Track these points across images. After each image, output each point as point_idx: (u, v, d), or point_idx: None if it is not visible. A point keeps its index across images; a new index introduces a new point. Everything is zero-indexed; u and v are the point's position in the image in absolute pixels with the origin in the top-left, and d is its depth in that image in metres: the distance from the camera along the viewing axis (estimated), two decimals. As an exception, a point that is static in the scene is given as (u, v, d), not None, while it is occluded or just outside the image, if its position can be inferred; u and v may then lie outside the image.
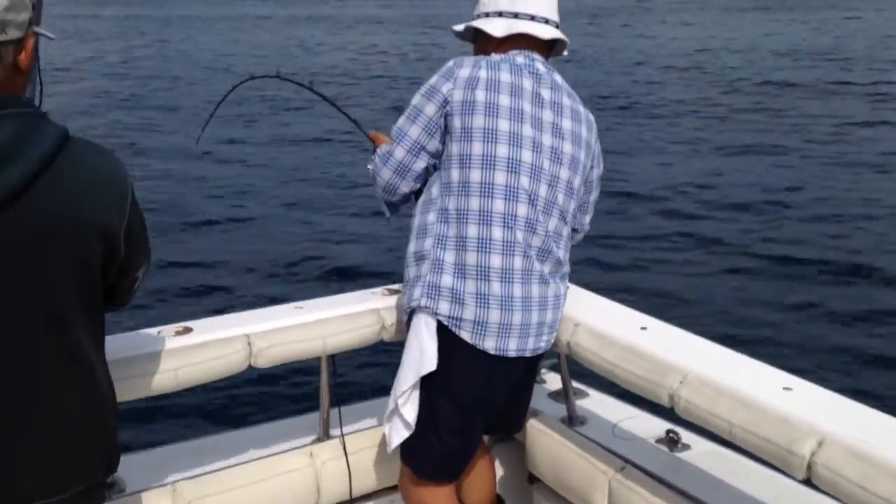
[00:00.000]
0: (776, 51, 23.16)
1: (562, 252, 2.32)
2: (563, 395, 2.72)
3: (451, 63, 2.28)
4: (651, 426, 2.62)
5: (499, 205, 2.19)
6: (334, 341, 2.39)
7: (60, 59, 21.88)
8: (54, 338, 1.49)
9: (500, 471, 2.74)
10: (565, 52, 2.45)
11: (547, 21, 2.34)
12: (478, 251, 2.19)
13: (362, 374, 5.18)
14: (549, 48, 2.38)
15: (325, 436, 2.59)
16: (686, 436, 2.53)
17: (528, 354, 2.30)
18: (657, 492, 2.21)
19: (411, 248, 2.31)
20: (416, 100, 2.29)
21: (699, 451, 2.48)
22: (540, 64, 2.31)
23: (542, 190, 2.23)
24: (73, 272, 1.49)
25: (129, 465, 2.34)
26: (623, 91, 17.03)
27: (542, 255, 2.26)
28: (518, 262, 2.21)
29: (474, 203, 2.20)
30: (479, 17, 2.39)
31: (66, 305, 1.49)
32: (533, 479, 2.73)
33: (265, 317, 2.42)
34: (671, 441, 2.51)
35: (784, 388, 1.95)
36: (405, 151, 2.29)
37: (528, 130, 2.22)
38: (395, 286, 2.65)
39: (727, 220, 8.98)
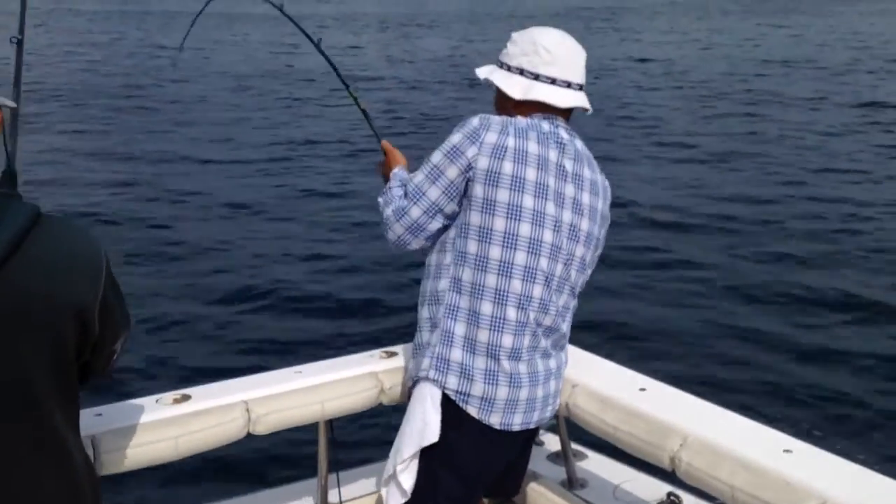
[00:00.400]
0: (755, 57, 23.70)
1: (567, 325, 2.33)
2: (563, 458, 2.70)
3: (475, 122, 2.21)
4: (652, 489, 2.61)
5: (516, 285, 2.17)
6: (333, 406, 2.39)
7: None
8: (28, 423, 1.45)
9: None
10: (588, 112, 2.36)
11: (569, 85, 2.28)
12: (490, 329, 2.17)
13: (360, 437, 5.13)
14: (570, 109, 2.34)
15: (323, 502, 2.57)
16: (687, 499, 2.51)
17: (532, 427, 2.30)
18: None
19: (423, 313, 2.29)
20: (437, 158, 2.22)
21: None
22: (564, 131, 2.27)
23: (558, 269, 2.23)
24: (46, 354, 1.45)
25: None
26: (605, 97, 17.28)
27: (548, 332, 2.27)
28: (527, 341, 2.21)
29: (491, 280, 2.17)
30: (502, 66, 2.34)
31: (39, 388, 1.45)
32: (533, 543, 2.69)
33: (263, 382, 2.42)
34: None
35: (784, 451, 1.95)
36: (422, 212, 2.23)
37: (550, 208, 2.19)
38: (393, 349, 2.66)
39: (731, 272, 8.98)
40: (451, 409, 2.20)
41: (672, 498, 2.51)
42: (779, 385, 6.28)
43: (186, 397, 2.29)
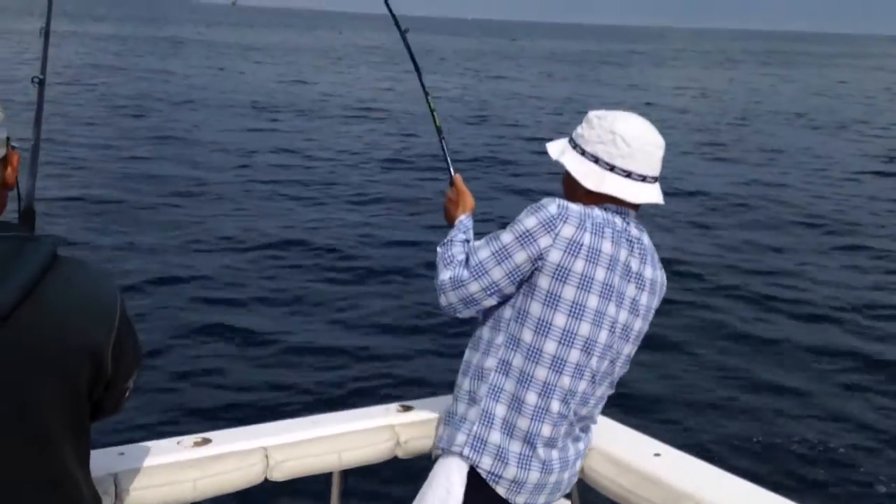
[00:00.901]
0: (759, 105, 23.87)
1: (598, 409, 2.36)
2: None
3: (553, 210, 2.11)
4: None
5: (565, 381, 2.17)
6: (349, 456, 2.42)
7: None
8: (40, 462, 1.46)
9: None
10: (661, 204, 2.24)
11: (644, 179, 2.19)
12: (532, 419, 2.18)
13: (372, 489, 5.12)
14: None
15: (332, 553, 2.58)
16: None
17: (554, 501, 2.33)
18: None
19: (463, 384, 2.29)
20: (507, 238, 2.14)
21: None
22: (634, 227, 2.22)
23: (605, 366, 2.24)
24: (58, 395, 1.46)
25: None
26: None
27: (584, 419, 2.30)
28: (564, 430, 2.24)
29: (541, 373, 2.16)
30: (576, 147, 2.25)
31: (51, 429, 1.46)
32: None
33: (283, 429, 2.45)
34: None
35: None
36: (480, 289, 2.17)
37: (612, 309, 2.17)
38: (409, 402, 2.69)
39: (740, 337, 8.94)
40: (477, 484, 2.20)
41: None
42: (793, 452, 6.20)
43: (207, 441, 2.33)
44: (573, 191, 2.25)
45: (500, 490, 2.20)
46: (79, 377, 1.49)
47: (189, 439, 2.33)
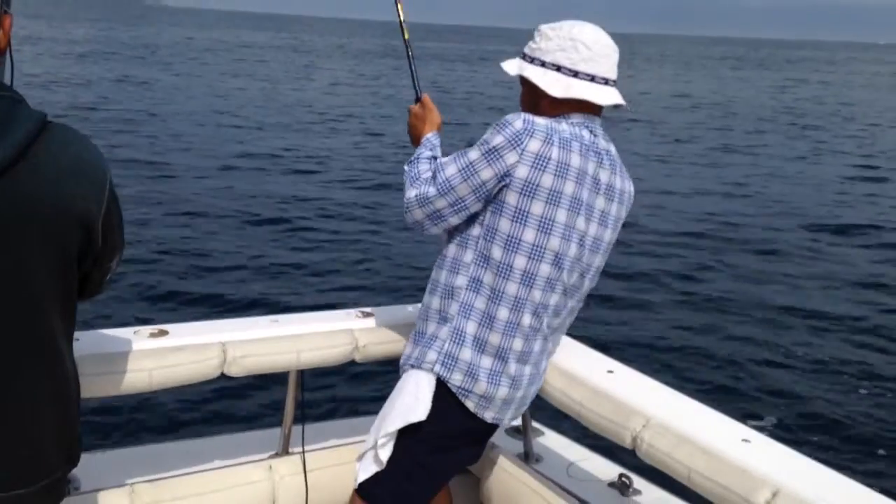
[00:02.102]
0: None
1: (569, 320, 2.36)
2: (522, 432, 2.77)
3: (519, 125, 2.07)
4: (604, 469, 2.68)
5: (536, 295, 2.16)
6: (308, 357, 2.42)
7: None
8: (28, 327, 1.45)
9: (452, 502, 2.77)
10: (623, 105, 2.25)
11: (607, 82, 2.18)
12: (503, 334, 2.17)
13: (328, 393, 5.20)
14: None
15: (284, 451, 2.61)
16: (637, 481, 2.59)
17: (517, 418, 2.37)
18: None
19: (432, 303, 2.26)
20: (474, 155, 2.10)
21: (650, 498, 2.54)
22: (602, 139, 2.20)
23: (575, 279, 2.23)
24: (49, 259, 1.45)
25: (88, 464, 2.32)
26: None
27: (555, 332, 2.31)
28: (537, 345, 2.24)
29: (512, 288, 2.15)
30: (534, 61, 2.22)
31: (41, 293, 1.46)
32: (486, 511, 2.76)
33: (241, 326, 2.45)
34: (623, 485, 2.57)
35: (743, 440, 2.03)
36: (446, 205, 2.15)
37: (580, 222, 2.15)
38: (370, 309, 2.69)
39: (701, 268, 9.13)
40: (447, 397, 2.21)
41: (623, 479, 2.58)
42: (741, 382, 6.43)
43: (164, 332, 2.32)
44: (534, 105, 2.22)
45: (469, 404, 2.21)
46: (70, 243, 1.47)
47: (146, 330, 2.32)
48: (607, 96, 2.17)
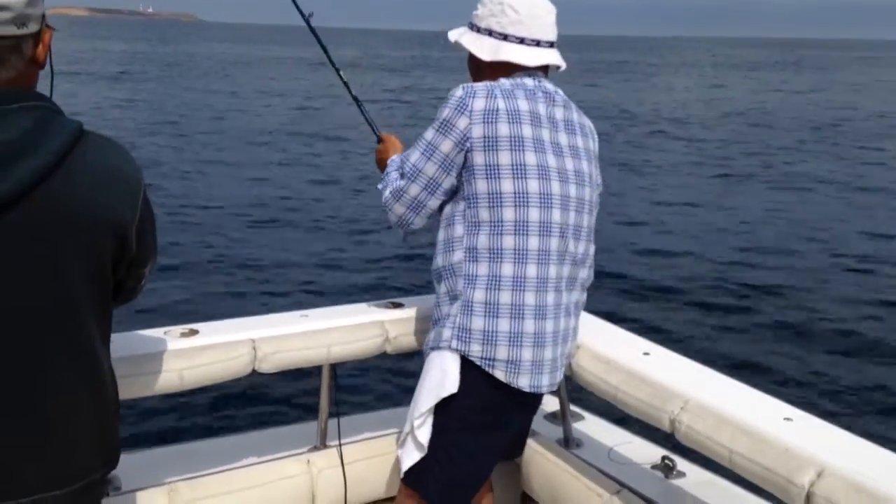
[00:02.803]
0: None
1: (587, 271, 2.32)
2: (560, 417, 2.73)
3: (459, 92, 2.17)
4: (646, 452, 2.63)
5: (533, 242, 2.15)
6: (338, 350, 2.41)
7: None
8: (65, 332, 1.49)
9: (493, 490, 2.75)
10: (563, 67, 2.33)
11: (538, 43, 2.24)
12: (512, 290, 2.15)
13: (362, 385, 5.20)
14: (545, 67, 2.30)
15: (322, 444, 2.60)
16: (681, 463, 2.54)
17: (556, 387, 2.30)
18: None
19: (440, 288, 2.26)
20: (429, 135, 2.19)
21: (694, 480, 2.49)
22: (547, 82, 2.26)
23: (572, 218, 2.21)
24: (84, 266, 1.49)
25: (127, 464, 2.34)
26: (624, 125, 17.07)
27: (570, 284, 2.25)
28: (551, 298, 2.19)
29: (508, 242, 2.15)
30: (472, 27, 2.32)
31: (77, 299, 1.50)
32: (526, 498, 2.73)
33: (271, 323, 2.44)
34: (666, 468, 2.52)
35: (785, 419, 1.97)
36: (420, 188, 2.21)
37: (552, 160, 2.18)
38: (399, 300, 2.67)
39: (731, 251, 9.01)
40: (474, 372, 2.17)
41: (666, 461, 2.53)
42: (781, 359, 6.34)
43: (194, 332, 2.31)
44: (478, 72, 2.30)
45: (499, 374, 2.16)
46: (105, 250, 1.51)
47: (176, 329, 2.32)
48: (537, 57, 2.23)
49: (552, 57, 2.27)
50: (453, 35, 2.36)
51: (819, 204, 11.19)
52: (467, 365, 2.17)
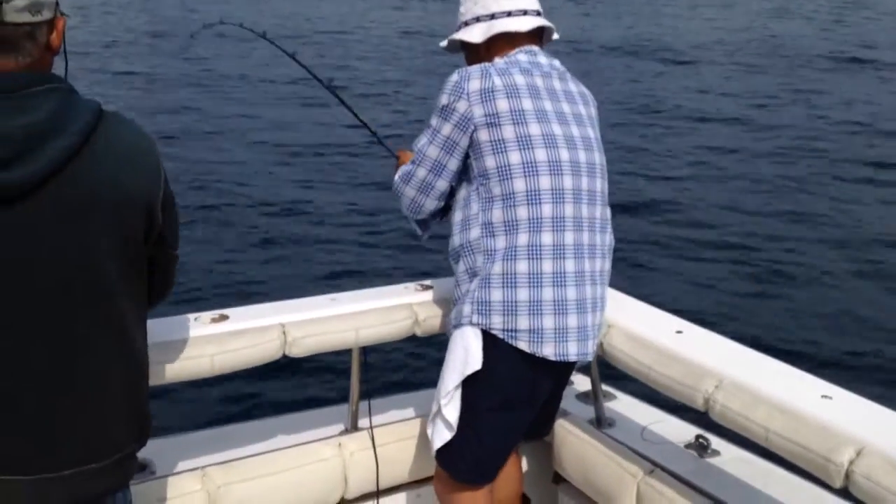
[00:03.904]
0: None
1: (607, 237, 2.31)
2: (592, 397, 2.71)
3: (455, 77, 2.24)
4: (680, 431, 2.61)
5: (546, 210, 2.17)
6: (367, 333, 2.41)
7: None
8: (97, 308, 1.53)
9: (525, 469, 2.74)
10: (556, 36, 2.42)
11: (525, 12, 2.32)
12: (528, 259, 2.16)
13: (392, 368, 5.21)
14: (539, 38, 2.37)
15: (353, 427, 2.61)
16: (716, 442, 2.52)
17: (589, 358, 2.28)
18: (686, 496, 2.20)
19: (459, 267, 2.28)
20: (433, 120, 2.27)
21: (729, 458, 2.46)
22: (542, 56, 2.32)
23: (584, 183, 2.23)
24: (114, 242, 1.54)
25: (160, 449, 2.39)
26: (640, 90, 16.82)
27: (591, 251, 2.24)
28: (570, 265, 2.19)
29: (522, 212, 2.17)
30: (459, 27, 2.40)
31: (109, 276, 1.54)
32: (558, 478, 2.72)
33: (300, 307, 2.44)
34: (700, 446, 2.50)
35: (822, 396, 1.94)
36: (427, 171, 2.29)
37: (557, 129, 2.21)
38: (428, 282, 2.66)
39: (762, 229, 8.89)
40: (498, 346, 2.18)
41: (700, 440, 2.51)
42: (819, 336, 6.26)
43: (224, 317, 2.33)
44: (475, 59, 2.36)
45: (522, 345, 2.16)
46: (134, 225, 1.56)
47: (206, 315, 2.33)
48: (527, 23, 2.31)
49: (542, 21, 2.34)
50: (445, 42, 2.45)
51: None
52: (489, 339, 2.18)
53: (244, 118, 13.06)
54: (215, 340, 2.20)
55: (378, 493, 2.59)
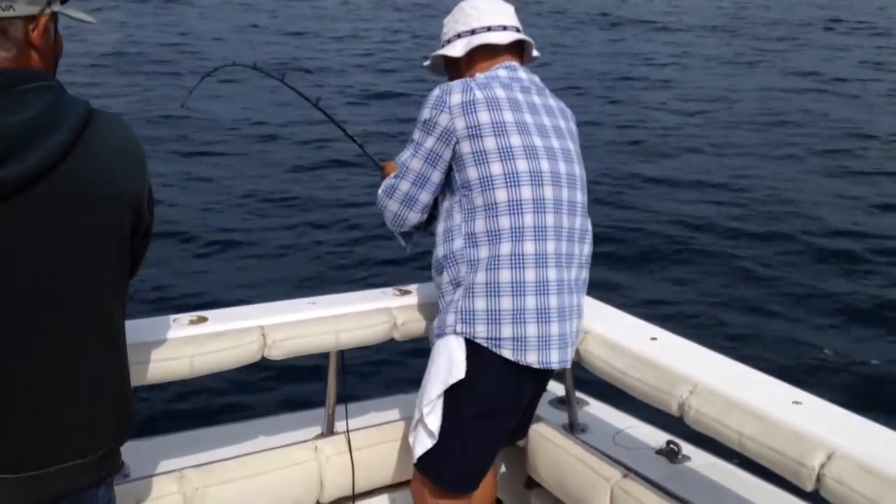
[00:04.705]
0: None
1: (586, 247, 2.36)
2: (566, 403, 2.75)
3: (437, 92, 2.28)
4: (651, 436, 2.65)
5: (528, 219, 2.20)
6: (346, 337, 2.43)
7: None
8: (89, 306, 1.54)
9: (498, 474, 2.77)
10: (536, 53, 2.48)
11: (505, 28, 2.38)
12: (511, 268, 2.19)
13: (368, 372, 5.22)
14: (519, 55, 2.43)
15: (329, 431, 2.63)
16: (686, 447, 2.56)
17: (568, 364, 2.32)
18: (659, 500, 2.24)
19: (442, 278, 2.30)
20: (416, 134, 2.31)
21: (699, 463, 2.51)
22: (522, 72, 2.37)
23: (564, 193, 2.27)
24: (106, 240, 1.54)
25: (137, 451, 2.39)
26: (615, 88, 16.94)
27: (569, 260, 2.28)
28: (552, 274, 2.22)
29: (504, 222, 2.20)
30: (442, 46, 2.45)
31: (99, 273, 1.54)
32: (531, 483, 2.75)
33: (279, 310, 2.46)
34: (671, 452, 2.54)
35: (793, 402, 1.99)
36: (410, 184, 2.32)
37: (537, 140, 2.25)
38: (407, 287, 2.69)
39: (736, 234, 8.99)
40: (481, 355, 2.21)
41: (671, 446, 2.55)
42: (789, 344, 6.34)
43: (203, 319, 2.34)
44: (457, 75, 2.42)
45: (506, 353, 2.19)
46: (125, 223, 1.57)
47: (185, 317, 2.34)
48: (507, 37, 2.37)
49: (522, 36, 2.40)
50: (428, 60, 2.52)
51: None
52: (473, 348, 2.20)
53: (225, 119, 13.01)
54: (194, 342, 2.21)
55: (354, 497, 2.60)
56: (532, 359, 2.20)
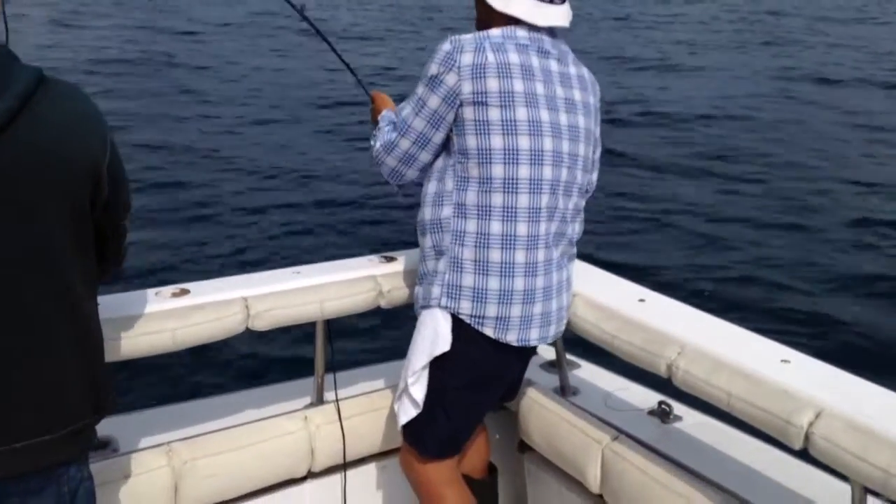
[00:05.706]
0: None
1: (577, 226, 2.31)
2: (557, 366, 2.74)
3: (447, 46, 2.13)
4: (643, 398, 2.65)
5: (523, 200, 2.13)
6: (332, 306, 2.40)
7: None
8: (43, 275, 1.49)
9: (491, 439, 2.76)
10: (567, 28, 2.25)
11: (552, 0, 2.18)
12: (502, 248, 2.14)
13: (356, 340, 5.20)
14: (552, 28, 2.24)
15: (319, 401, 2.61)
16: (678, 407, 2.56)
17: (549, 341, 2.31)
18: (651, 460, 2.24)
19: (426, 242, 2.25)
20: (419, 90, 2.17)
21: (691, 423, 2.51)
22: (542, 33, 2.20)
23: (563, 174, 2.18)
24: (58, 208, 1.49)
25: (124, 425, 2.36)
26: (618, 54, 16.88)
27: (558, 239, 2.24)
28: (541, 255, 2.18)
29: (497, 199, 2.13)
30: None
31: (54, 242, 1.49)
32: (524, 447, 2.75)
33: (263, 280, 2.42)
34: (663, 412, 2.54)
35: (782, 361, 1.98)
36: (410, 143, 2.21)
37: (545, 115, 2.14)
38: (392, 254, 2.65)
39: (727, 192, 9.00)
40: (465, 330, 2.19)
41: (663, 406, 2.55)
42: (779, 302, 6.37)
43: (185, 291, 2.30)
44: (486, 20, 2.21)
45: (488, 331, 2.18)
46: (79, 191, 1.52)
47: (167, 290, 2.30)
48: (549, 17, 2.16)
49: (561, 17, 2.19)
50: None
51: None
52: (457, 322, 2.18)
53: (203, 88, 12.85)
54: (176, 315, 2.18)
55: (345, 466, 2.59)
56: (512, 337, 2.19)
